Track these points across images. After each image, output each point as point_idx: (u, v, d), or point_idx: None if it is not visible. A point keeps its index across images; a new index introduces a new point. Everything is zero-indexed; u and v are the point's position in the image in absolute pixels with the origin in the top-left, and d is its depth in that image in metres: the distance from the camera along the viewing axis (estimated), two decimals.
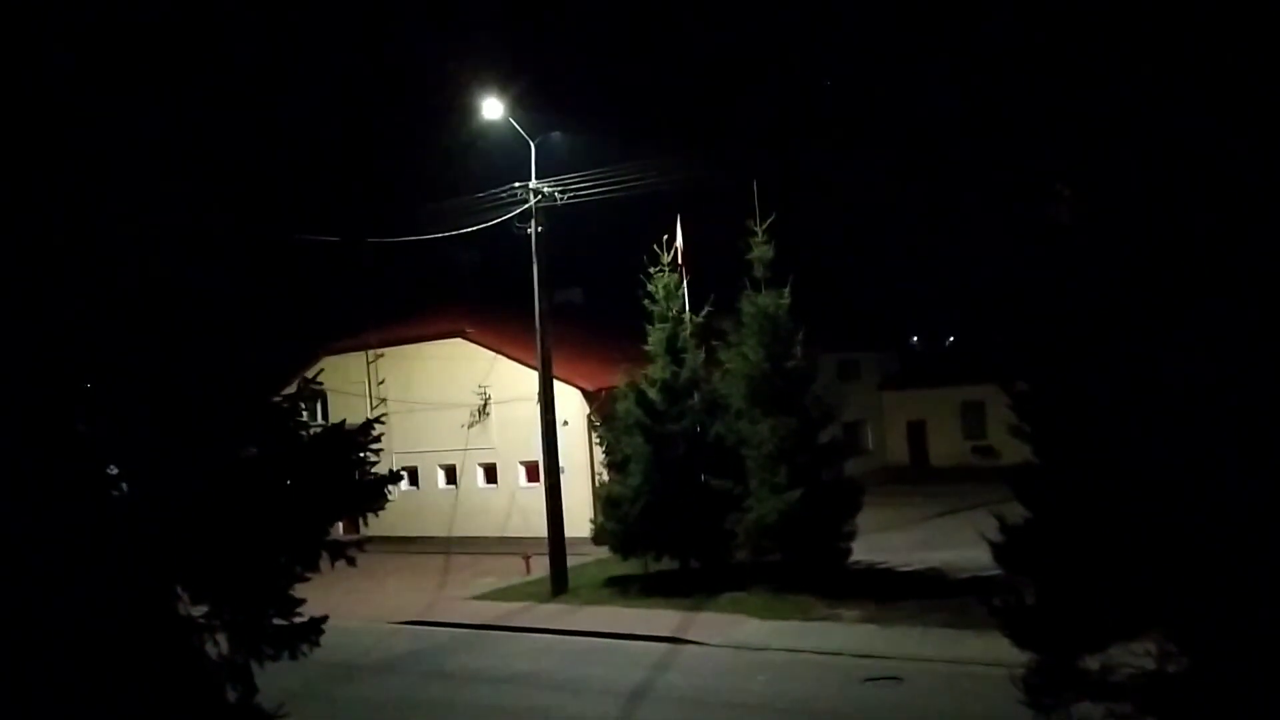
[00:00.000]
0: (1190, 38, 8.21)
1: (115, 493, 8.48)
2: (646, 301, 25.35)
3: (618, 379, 26.39)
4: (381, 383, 37.86)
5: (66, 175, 8.08)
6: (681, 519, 23.79)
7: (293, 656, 9.06)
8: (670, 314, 25.19)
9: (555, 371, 27.58)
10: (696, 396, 25.09)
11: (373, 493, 9.42)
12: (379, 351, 38.10)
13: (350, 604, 22.85)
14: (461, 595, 27.26)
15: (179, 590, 8.62)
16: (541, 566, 27.08)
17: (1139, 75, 8.57)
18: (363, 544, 9.66)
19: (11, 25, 7.84)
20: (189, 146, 8.79)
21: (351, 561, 9.29)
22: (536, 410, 27.24)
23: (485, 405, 36.15)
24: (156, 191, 8.48)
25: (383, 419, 10.03)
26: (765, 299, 23.34)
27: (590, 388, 33.08)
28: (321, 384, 9.89)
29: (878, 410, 46.85)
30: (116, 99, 8.34)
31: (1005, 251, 11.01)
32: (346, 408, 31.02)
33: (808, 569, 22.61)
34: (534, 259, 26.23)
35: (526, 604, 25.27)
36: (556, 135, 27.11)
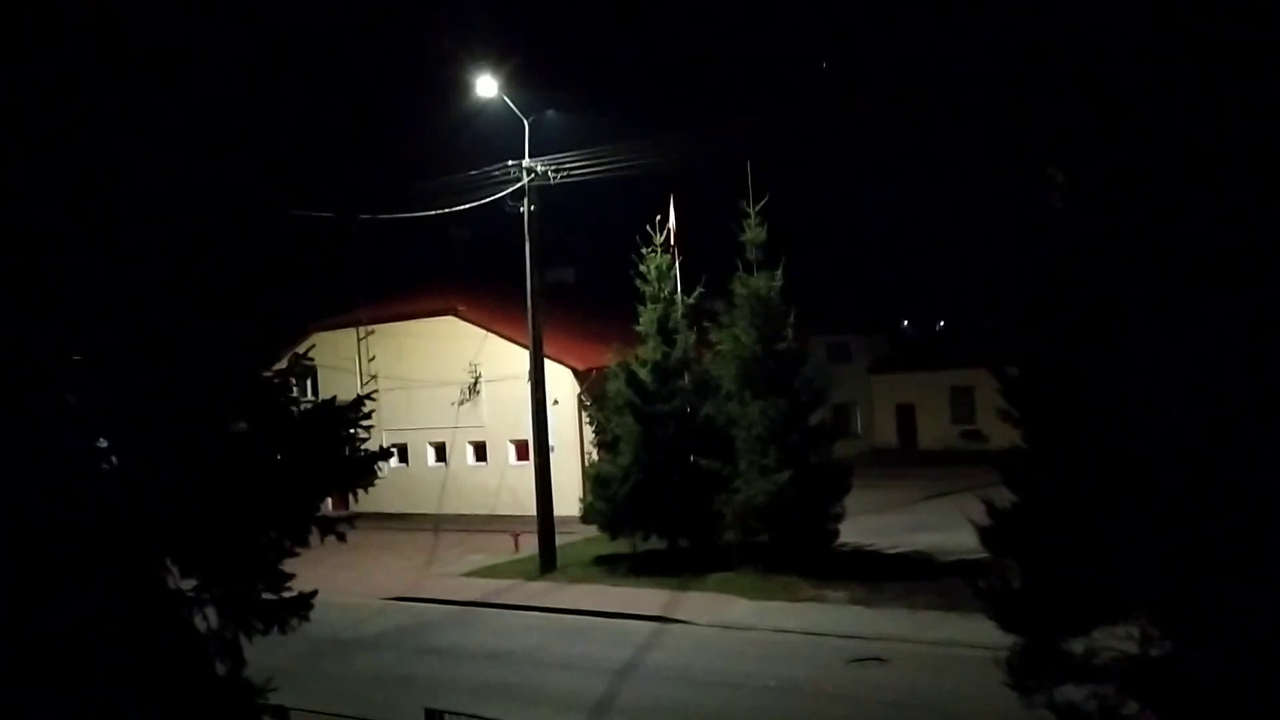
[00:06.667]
0: (1187, 22, 8.21)
1: (105, 466, 8.48)
2: (638, 282, 25.33)
3: (609, 359, 26.40)
4: (372, 359, 37.79)
5: (59, 152, 8.04)
6: (670, 499, 23.85)
7: (282, 631, 9.09)
8: (662, 295, 25.17)
9: (546, 350, 27.57)
10: (687, 377, 25.12)
11: (363, 469, 9.44)
12: (370, 328, 38.03)
13: (340, 580, 22.89)
14: (451, 572, 27.34)
15: (168, 564, 8.63)
16: (530, 544, 27.14)
17: (1133, 58, 8.57)
18: (352, 520, 9.70)
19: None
20: (181, 122, 8.75)
21: (341, 537, 9.30)
22: (527, 389, 27.25)
23: (476, 383, 36.13)
24: (149, 168, 8.44)
25: (373, 395, 10.05)
26: (757, 281, 23.35)
27: (581, 367, 33.09)
28: (312, 360, 9.91)
29: (867, 393, 46.94)
30: (110, 75, 8.30)
31: (997, 236, 11.02)
32: (337, 384, 31.15)
33: (795, 550, 22.70)
34: (526, 237, 26.18)
35: (515, 581, 25.34)
36: (551, 113, 27.03)
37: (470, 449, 37.15)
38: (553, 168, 25.95)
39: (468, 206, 27.19)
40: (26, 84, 7.92)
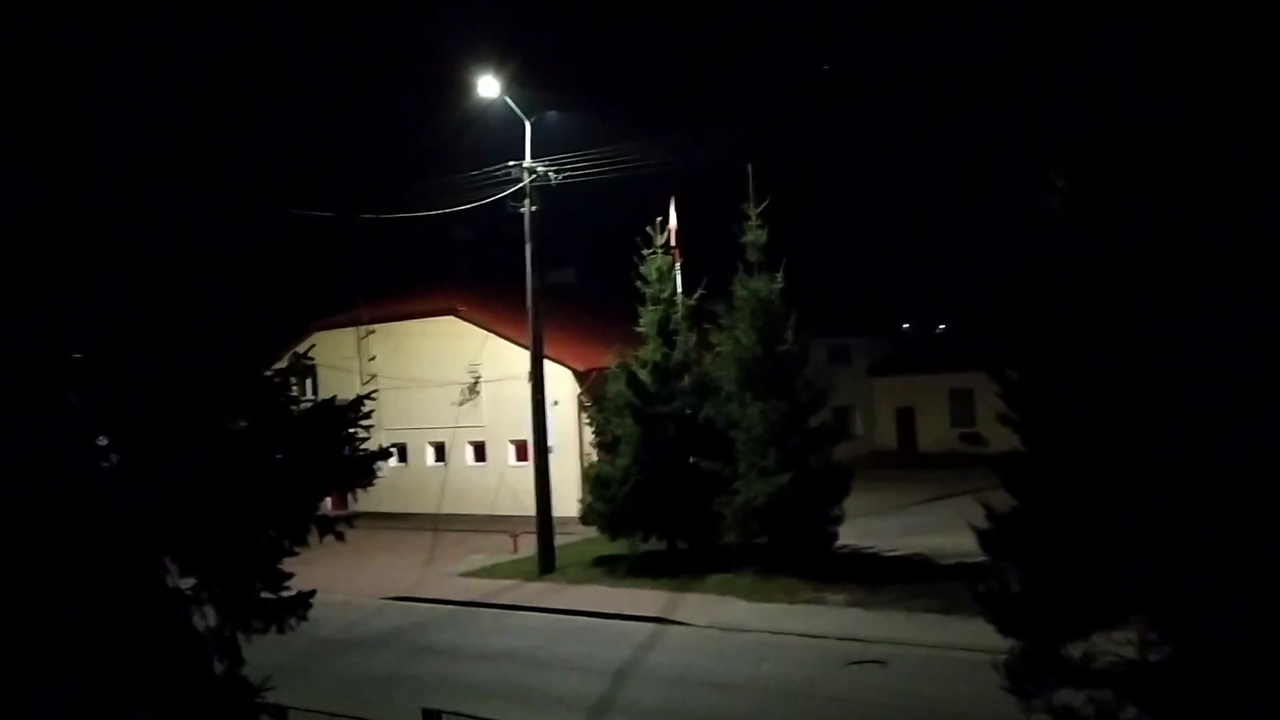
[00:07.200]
0: (1187, 23, 8.21)
1: (105, 464, 8.48)
2: (639, 283, 25.33)
3: (609, 360, 26.40)
4: (373, 359, 37.79)
5: (61, 151, 8.04)
6: (670, 500, 23.85)
7: (280, 630, 9.09)
8: (663, 296, 25.18)
9: (547, 351, 27.58)
10: (687, 379, 25.12)
11: (362, 468, 9.44)
12: (370, 327, 38.04)
13: (338, 579, 22.87)
14: (449, 572, 27.35)
15: (167, 562, 8.63)
16: (530, 545, 27.15)
17: (1134, 63, 8.58)
18: (352, 519, 9.68)
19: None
20: (182, 121, 8.76)
21: (340, 537, 9.31)
22: (527, 389, 27.25)
23: (476, 383, 36.12)
24: (152, 167, 8.45)
25: (373, 395, 10.04)
26: (758, 283, 23.35)
27: (581, 368, 33.08)
28: (313, 359, 9.90)
29: (867, 396, 46.92)
30: (108, 73, 8.30)
31: (998, 239, 11.02)
32: (337, 383, 31.13)
33: (795, 552, 22.70)
34: (527, 238, 26.19)
35: (514, 582, 25.34)
36: (552, 114, 27.03)
37: (470, 449, 37.15)
38: (554, 168, 25.97)
39: (469, 206, 27.23)
40: (24, 81, 7.92)
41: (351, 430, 9.33)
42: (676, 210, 25.64)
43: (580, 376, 33.04)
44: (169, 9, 8.80)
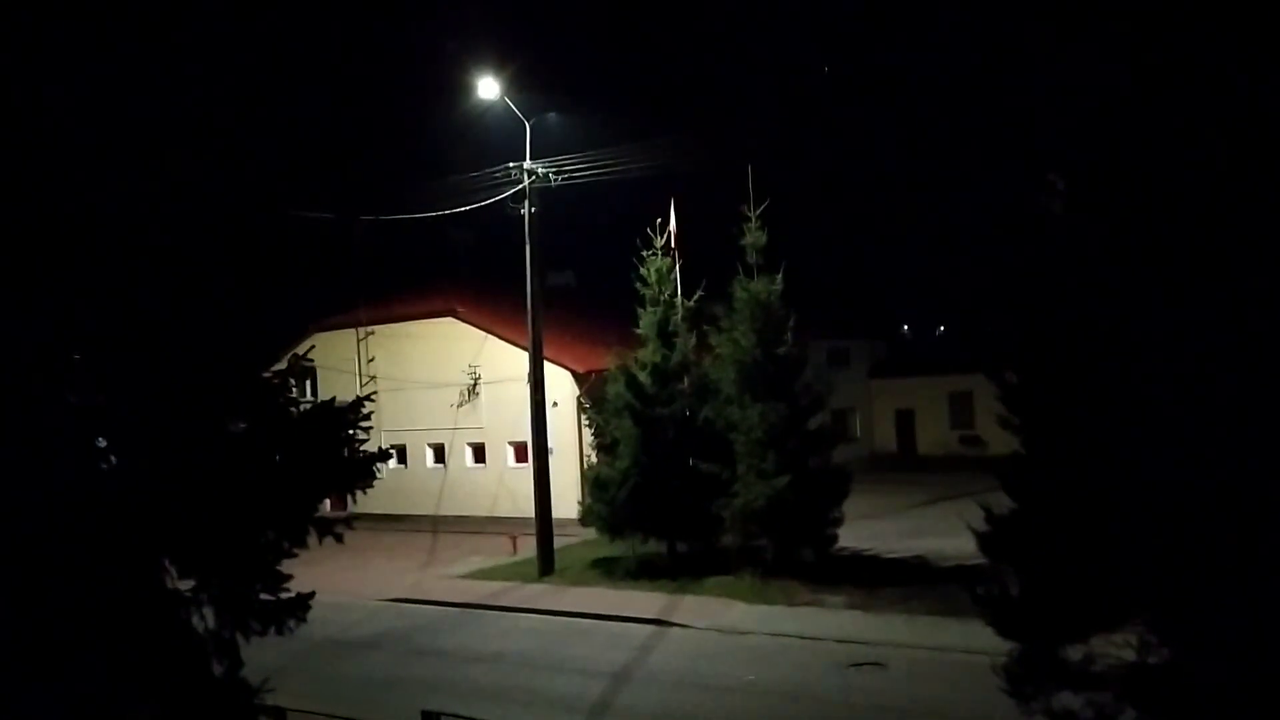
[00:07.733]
0: (1183, 26, 8.23)
1: (104, 465, 8.48)
2: (639, 285, 25.32)
3: (608, 361, 26.39)
4: (372, 360, 37.81)
5: (57, 149, 8.04)
6: (669, 502, 23.83)
7: (279, 632, 9.10)
8: (662, 298, 25.16)
9: (546, 353, 27.57)
10: (686, 381, 25.10)
11: (361, 470, 9.44)
12: (370, 329, 38.05)
13: (337, 580, 22.84)
14: (448, 574, 27.33)
15: (166, 563, 8.63)
16: (529, 547, 27.13)
17: (1132, 65, 8.59)
18: (350, 521, 9.70)
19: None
20: (182, 122, 8.76)
21: (339, 538, 9.31)
22: (526, 391, 27.24)
23: (475, 385, 36.12)
24: (149, 167, 8.45)
25: (372, 397, 10.05)
26: (757, 285, 23.34)
27: (580, 370, 33.08)
28: (312, 360, 9.90)
29: (866, 398, 46.90)
30: (108, 72, 8.30)
31: (997, 242, 11.03)
32: (336, 385, 31.17)
33: (794, 554, 22.69)
34: (527, 240, 26.19)
35: (513, 584, 25.33)
36: (552, 116, 27.06)
37: (469, 451, 37.13)
38: (554, 170, 25.97)
39: (469, 208, 27.22)
40: (24, 79, 7.92)
41: (350, 432, 9.34)
42: (676, 212, 25.62)
43: (579, 378, 33.04)
44: (171, 6, 8.80)
